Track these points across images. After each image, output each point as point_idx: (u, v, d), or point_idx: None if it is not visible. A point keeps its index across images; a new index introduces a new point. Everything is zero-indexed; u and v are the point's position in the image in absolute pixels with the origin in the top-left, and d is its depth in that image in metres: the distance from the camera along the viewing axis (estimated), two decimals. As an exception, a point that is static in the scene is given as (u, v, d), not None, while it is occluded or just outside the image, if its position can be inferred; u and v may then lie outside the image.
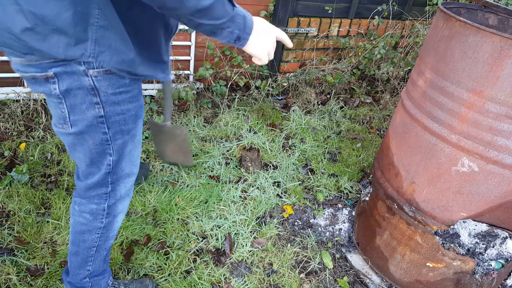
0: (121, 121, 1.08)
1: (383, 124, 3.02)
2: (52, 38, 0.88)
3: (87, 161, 1.12)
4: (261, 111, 2.89)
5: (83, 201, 1.22)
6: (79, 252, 1.29)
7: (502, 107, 1.19)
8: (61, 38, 0.89)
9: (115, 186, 1.21)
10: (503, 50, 1.14)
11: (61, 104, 1.00)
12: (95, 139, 1.07)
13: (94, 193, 1.20)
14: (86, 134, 1.06)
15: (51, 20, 0.86)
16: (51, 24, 0.87)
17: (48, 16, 0.86)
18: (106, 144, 1.09)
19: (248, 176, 2.25)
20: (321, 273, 1.78)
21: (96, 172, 1.14)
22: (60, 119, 1.04)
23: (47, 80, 0.96)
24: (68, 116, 1.02)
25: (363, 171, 2.47)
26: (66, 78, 0.95)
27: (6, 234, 1.69)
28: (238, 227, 1.90)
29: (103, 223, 1.25)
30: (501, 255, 1.43)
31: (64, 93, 0.98)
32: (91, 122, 1.03)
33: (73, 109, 1.01)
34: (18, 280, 1.51)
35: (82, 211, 1.23)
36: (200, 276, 1.65)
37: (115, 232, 1.34)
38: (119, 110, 1.06)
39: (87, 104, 1.00)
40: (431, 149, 1.41)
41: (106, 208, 1.23)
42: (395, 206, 1.59)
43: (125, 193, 1.25)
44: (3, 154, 2.09)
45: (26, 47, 0.90)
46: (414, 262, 1.61)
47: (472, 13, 1.58)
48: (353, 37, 3.34)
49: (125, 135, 1.11)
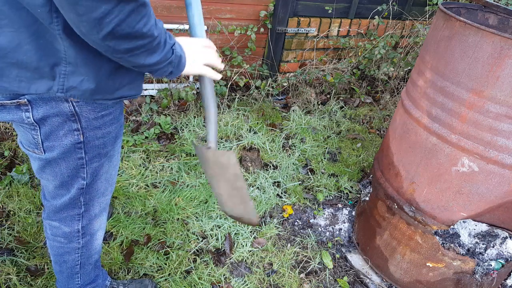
0: (100, 145, 0.99)
1: (383, 124, 3.02)
2: (11, 72, 0.79)
3: (56, 184, 1.02)
4: (261, 111, 2.89)
5: (54, 223, 1.13)
6: (63, 271, 1.24)
7: (502, 107, 1.19)
8: (22, 72, 0.79)
9: (89, 207, 1.11)
10: (503, 50, 1.14)
11: (34, 131, 0.90)
12: (69, 163, 0.98)
13: (65, 214, 1.10)
14: (60, 159, 0.96)
15: (10, 53, 0.77)
16: (9, 57, 0.77)
17: (6, 48, 0.77)
18: (80, 168, 1.00)
19: (248, 176, 2.25)
20: (321, 273, 1.78)
21: (64, 194, 1.05)
22: (31, 144, 0.94)
23: (18, 108, 0.85)
24: (41, 143, 0.92)
25: (363, 171, 2.47)
26: (42, 104, 0.85)
27: (6, 234, 1.69)
28: (238, 227, 1.90)
29: (80, 243, 1.18)
30: (501, 255, 1.43)
31: (39, 121, 0.87)
32: (68, 148, 0.94)
33: (48, 136, 0.91)
34: (18, 280, 1.51)
35: (55, 235, 1.15)
36: (200, 276, 1.65)
37: (98, 248, 1.26)
38: (100, 134, 0.97)
39: (65, 130, 0.90)
40: (431, 149, 1.41)
41: (80, 229, 1.14)
42: (395, 206, 1.59)
43: (99, 211, 1.16)
44: (3, 154, 2.09)
45: None
46: (414, 262, 1.61)
47: (472, 13, 1.58)
48: (353, 37, 3.34)
49: (102, 157, 1.03)
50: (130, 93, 0.94)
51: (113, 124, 0.99)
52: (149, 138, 2.42)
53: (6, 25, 0.76)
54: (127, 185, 2.03)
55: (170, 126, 2.53)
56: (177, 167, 2.22)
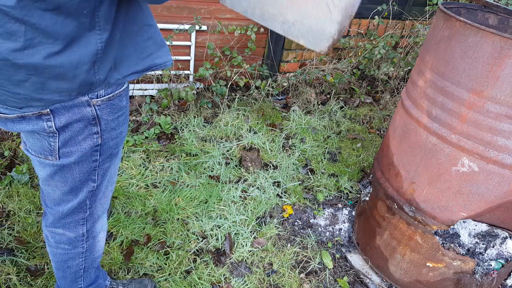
0: (113, 146, 1.01)
1: (383, 124, 3.02)
2: (51, 85, 0.79)
3: (65, 190, 1.01)
4: (261, 111, 2.89)
5: (58, 230, 1.10)
6: (66, 276, 1.22)
7: (502, 107, 1.19)
8: (61, 83, 0.79)
9: (93, 210, 1.11)
10: (503, 50, 1.13)
11: (53, 138, 0.89)
12: (83, 167, 0.97)
13: (70, 220, 1.08)
14: (75, 164, 0.95)
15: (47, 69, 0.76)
16: (47, 73, 0.77)
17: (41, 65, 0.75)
18: (93, 171, 1.00)
19: (248, 176, 2.25)
20: (321, 273, 1.78)
21: (72, 199, 1.04)
22: (45, 151, 0.92)
23: (39, 118, 0.84)
24: (57, 149, 0.91)
25: (363, 171, 2.47)
26: (64, 112, 0.85)
27: (6, 234, 1.69)
28: (238, 227, 1.90)
29: (84, 247, 1.17)
30: (501, 255, 1.43)
31: (61, 128, 0.87)
32: (86, 152, 0.94)
33: (67, 142, 0.90)
34: (18, 280, 1.51)
35: (59, 242, 1.13)
36: (200, 276, 1.65)
37: (100, 251, 1.26)
38: (114, 135, 0.98)
39: (84, 135, 0.91)
40: (431, 149, 1.41)
41: (85, 232, 1.13)
42: (395, 206, 1.59)
43: (102, 212, 1.16)
44: (3, 154, 2.09)
45: (24, 100, 0.80)
46: (414, 262, 1.61)
47: (472, 13, 1.58)
48: (353, 37, 3.34)
49: (113, 158, 1.04)
50: (158, 62, 0.96)
51: (124, 123, 1.01)
52: (149, 138, 2.42)
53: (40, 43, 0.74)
54: (127, 185, 2.03)
55: (170, 126, 2.53)
56: (177, 167, 2.22)
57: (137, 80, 2.71)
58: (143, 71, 0.95)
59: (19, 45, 0.71)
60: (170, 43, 2.55)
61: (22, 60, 0.73)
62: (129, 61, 0.90)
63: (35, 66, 0.74)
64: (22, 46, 0.71)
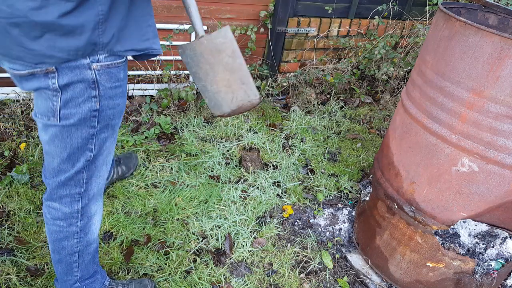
0: (111, 116, 1.09)
1: (383, 124, 3.02)
2: (62, 42, 0.90)
3: (63, 156, 1.09)
4: (261, 111, 2.89)
5: (54, 204, 1.18)
6: (61, 260, 1.26)
7: (502, 107, 1.19)
8: (69, 41, 0.91)
9: (88, 185, 1.17)
10: (503, 50, 1.14)
11: (55, 97, 0.99)
12: (82, 132, 1.06)
13: (65, 193, 1.16)
14: (74, 127, 1.04)
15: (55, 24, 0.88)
16: (59, 30, 0.88)
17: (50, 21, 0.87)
18: (90, 139, 1.08)
19: (248, 176, 2.25)
20: (321, 273, 1.78)
21: (69, 169, 1.11)
22: (48, 112, 1.02)
23: (46, 75, 0.95)
24: (59, 110, 1.01)
25: (363, 171, 2.47)
26: (68, 72, 0.96)
27: (6, 234, 1.69)
28: (238, 227, 1.90)
29: (79, 226, 1.22)
30: (501, 255, 1.43)
31: (63, 87, 0.97)
32: (85, 115, 1.03)
33: (67, 102, 1.00)
34: (18, 280, 1.51)
35: (55, 218, 1.19)
36: (200, 276, 1.65)
37: (95, 235, 1.30)
38: (112, 104, 1.07)
39: (84, 97, 1.00)
40: (431, 149, 1.41)
41: (80, 209, 1.19)
42: (395, 206, 1.59)
43: (97, 191, 1.22)
44: (3, 154, 2.09)
45: (38, 56, 0.91)
46: (414, 262, 1.61)
47: (472, 13, 1.58)
48: (353, 37, 3.34)
49: (109, 129, 1.12)
50: (155, 47, 1.10)
51: (121, 97, 1.11)
52: (149, 138, 2.42)
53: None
54: (127, 185, 2.04)
55: (170, 126, 2.53)
56: (177, 167, 2.22)
57: (137, 80, 2.71)
58: (141, 51, 1.07)
59: (37, 4, 0.84)
60: (170, 43, 2.55)
61: (39, 18, 0.85)
62: (131, 39, 1.03)
63: (49, 23, 0.87)
64: (40, 5, 0.84)
